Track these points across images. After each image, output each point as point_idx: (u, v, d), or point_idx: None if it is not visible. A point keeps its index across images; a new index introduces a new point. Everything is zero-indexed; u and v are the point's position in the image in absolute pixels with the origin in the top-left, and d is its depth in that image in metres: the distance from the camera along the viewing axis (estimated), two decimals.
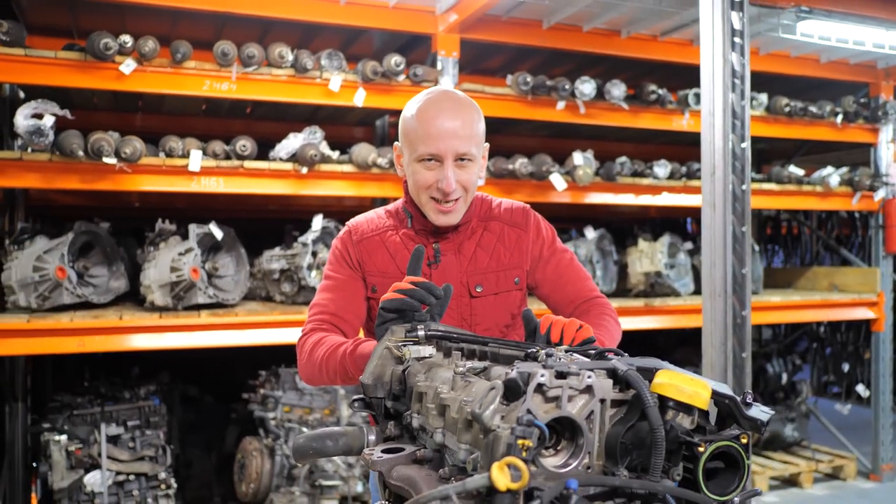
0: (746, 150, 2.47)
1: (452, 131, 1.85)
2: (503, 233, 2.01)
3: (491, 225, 2.02)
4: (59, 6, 4.45)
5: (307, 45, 5.04)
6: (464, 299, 1.96)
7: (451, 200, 1.89)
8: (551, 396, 1.07)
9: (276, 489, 4.42)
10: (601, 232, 5.45)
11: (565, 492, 0.96)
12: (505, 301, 1.98)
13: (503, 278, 1.98)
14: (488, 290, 1.96)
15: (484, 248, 1.99)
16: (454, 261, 1.97)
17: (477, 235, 2.01)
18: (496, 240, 2.00)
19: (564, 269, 2.04)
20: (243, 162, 4.15)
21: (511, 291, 1.98)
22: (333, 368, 1.83)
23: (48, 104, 3.75)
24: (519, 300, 2.00)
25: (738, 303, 2.44)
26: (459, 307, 1.96)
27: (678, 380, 1.09)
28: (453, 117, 1.86)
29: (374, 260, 1.99)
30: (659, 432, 1.05)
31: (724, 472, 1.16)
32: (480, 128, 1.92)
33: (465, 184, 1.89)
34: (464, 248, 1.98)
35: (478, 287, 1.96)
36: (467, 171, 1.89)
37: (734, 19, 2.44)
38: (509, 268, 1.99)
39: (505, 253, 2.00)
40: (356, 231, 2.03)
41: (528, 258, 2.02)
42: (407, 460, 1.34)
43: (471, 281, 1.96)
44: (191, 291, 4.10)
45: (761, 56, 5.42)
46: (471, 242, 1.99)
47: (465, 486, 0.95)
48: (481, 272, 1.97)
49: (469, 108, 1.91)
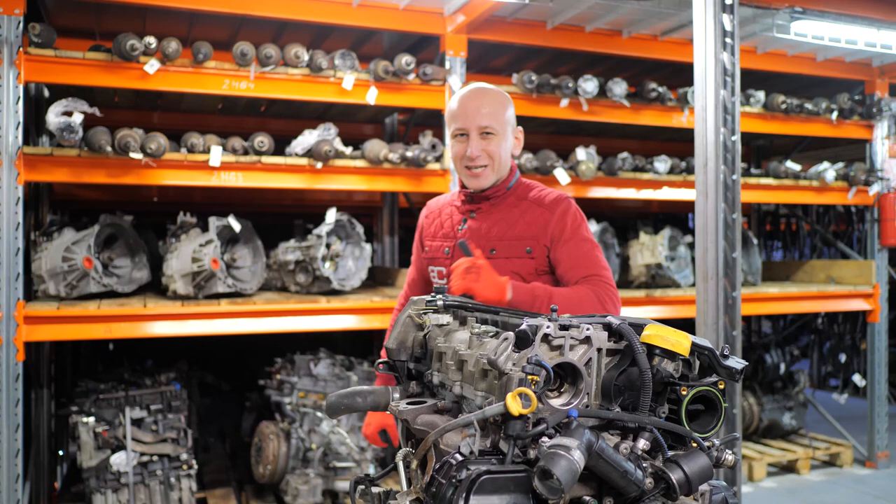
0: (737, 143, 2.65)
1: (475, 109, 2.28)
2: (529, 210, 2.30)
3: (522, 203, 2.32)
4: (84, 9, 4.65)
5: (321, 45, 5.23)
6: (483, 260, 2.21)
7: (479, 166, 2.28)
8: (556, 345, 1.26)
9: (291, 471, 4.62)
10: (604, 225, 5.63)
11: (566, 419, 1.15)
12: (515, 266, 2.25)
13: (515, 246, 2.26)
14: (500, 254, 2.26)
15: (506, 220, 2.30)
16: (478, 227, 2.33)
17: (505, 209, 2.32)
18: (519, 215, 2.30)
19: (580, 253, 2.24)
20: (261, 157, 4.34)
21: (521, 258, 2.25)
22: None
23: (78, 102, 3.94)
24: (531, 268, 2.25)
25: (730, 285, 2.63)
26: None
27: (663, 331, 1.28)
28: (477, 99, 2.30)
29: (430, 228, 2.47)
30: (647, 375, 1.24)
31: (705, 415, 1.35)
32: (506, 111, 2.31)
33: (490, 153, 2.28)
34: (491, 218, 2.32)
35: (492, 251, 2.27)
36: (491, 143, 2.28)
37: (725, 21, 2.62)
38: (524, 238, 2.26)
39: (524, 226, 2.28)
40: (427, 207, 2.55)
41: (547, 235, 2.25)
42: (429, 410, 1.53)
43: (487, 245, 2.28)
44: (211, 281, 4.29)
45: (759, 55, 5.60)
46: (498, 214, 2.32)
47: (483, 413, 1.14)
48: (497, 238, 2.29)
49: (494, 94, 2.32)
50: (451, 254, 2.36)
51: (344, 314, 4.50)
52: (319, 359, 4.98)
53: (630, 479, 1.15)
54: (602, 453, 1.12)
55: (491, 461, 1.14)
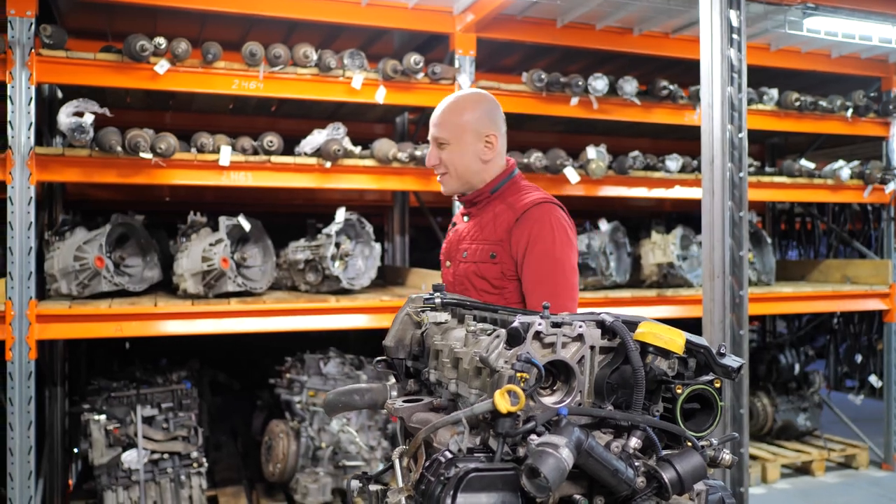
0: (744, 140, 2.63)
1: (433, 119, 2.34)
2: (502, 214, 2.26)
3: (499, 207, 2.29)
4: (95, 11, 4.68)
5: (330, 44, 5.23)
6: (459, 262, 2.33)
7: (440, 174, 2.35)
8: (548, 343, 1.26)
9: (301, 469, 4.63)
10: (615, 224, 5.60)
11: (556, 417, 1.14)
12: (481, 270, 2.24)
13: (482, 251, 2.26)
14: (470, 259, 2.29)
15: (481, 224, 2.31)
16: (463, 231, 2.36)
17: (486, 212, 2.31)
18: (493, 218, 2.28)
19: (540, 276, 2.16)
20: (270, 157, 4.36)
21: (486, 263, 2.23)
22: None
23: (88, 103, 3.98)
24: (497, 273, 2.22)
25: (737, 283, 2.60)
26: (455, 267, 2.35)
27: (657, 329, 1.27)
28: (438, 109, 2.34)
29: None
30: (639, 372, 1.23)
31: (701, 414, 1.34)
32: (462, 118, 2.30)
33: (445, 161, 2.32)
34: (474, 221, 2.34)
35: (464, 254, 2.31)
36: (445, 151, 2.31)
37: (732, 17, 2.59)
38: (490, 242, 2.25)
39: (491, 230, 2.26)
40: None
41: (512, 242, 2.20)
42: (425, 408, 1.53)
43: (462, 249, 2.33)
44: (221, 280, 4.31)
45: (772, 52, 5.55)
46: (480, 217, 2.33)
47: (472, 410, 1.14)
48: (469, 242, 2.32)
49: (455, 103, 2.33)
50: (444, 255, 2.43)
51: (353, 313, 4.50)
52: (329, 358, 4.99)
53: (621, 478, 1.14)
54: (592, 451, 1.11)
55: (480, 459, 1.14)
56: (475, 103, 2.32)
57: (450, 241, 2.40)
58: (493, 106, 2.34)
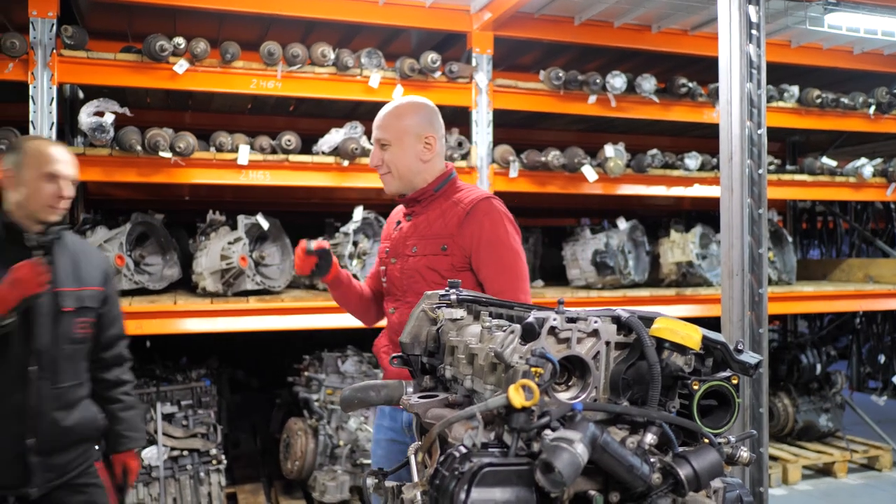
0: (763, 137, 2.60)
1: (376, 122, 2.49)
2: (449, 210, 2.43)
3: (445, 204, 2.46)
4: (116, 11, 4.73)
5: (348, 44, 5.25)
6: (407, 257, 2.45)
7: (382, 174, 2.49)
8: (563, 338, 1.25)
9: (319, 467, 4.64)
10: (633, 223, 5.57)
11: (571, 413, 1.13)
12: (431, 262, 2.40)
13: (432, 244, 2.41)
14: (419, 252, 2.43)
15: (429, 220, 2.46)
16: (409, 227, 2.50)
17: (431, 210, 2.47)
18: (440, 214, 2.44)
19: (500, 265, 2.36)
20: (288, 156, 4.38)
21: (437, 255, 2.40)
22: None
23: (109, 102, 4.02)
24: (447, 265, 2.39)
25: (756, 281, 2.58)
26: (402, 263, 2.47)
27: (673, 325, 1.25)
28: (381, 113, 2.49)
29: (385, 232, 2.66)
30: (655, 368, 1.22)
31: (718, 411, 1.32)
32: (402, 121, 2.46)
33: (388, 161, 2.46)
34: (419, 218, 2.49)
35: (413, 248, 2.44)
36: (387, 152, 2.46)
37: (751, 12, 2.57)
38: (440, 236, 2.40)
39: (441, 225, 2.42)
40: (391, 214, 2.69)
41: (464, 235, 2.37)
42: (440, 404, 1.52)
43: (411, 244, 2.46)
44: (240, 278, 4.34)
45: (793, 48, 5.49)
46: (425, 215, 2.48)
47: (487, 405, 1.13)
48: (418, 237, 2.45)
49: (396, 107, 2.49)
50: (389, 252, 2.54)
51: None
52: (347, 356, 5.01)
53: (636, 474, 1.13)
54: (607, 447, 1.10)
55: (494, 454, 1.13)
56: (415, 108, 2.50)
57: (394, 238, 2.53)
58: (431, 111, 2.52)
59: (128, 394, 2.84)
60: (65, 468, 2.58)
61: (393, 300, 2.55)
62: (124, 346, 2.86)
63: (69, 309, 2.55)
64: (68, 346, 2.57)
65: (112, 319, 2.78)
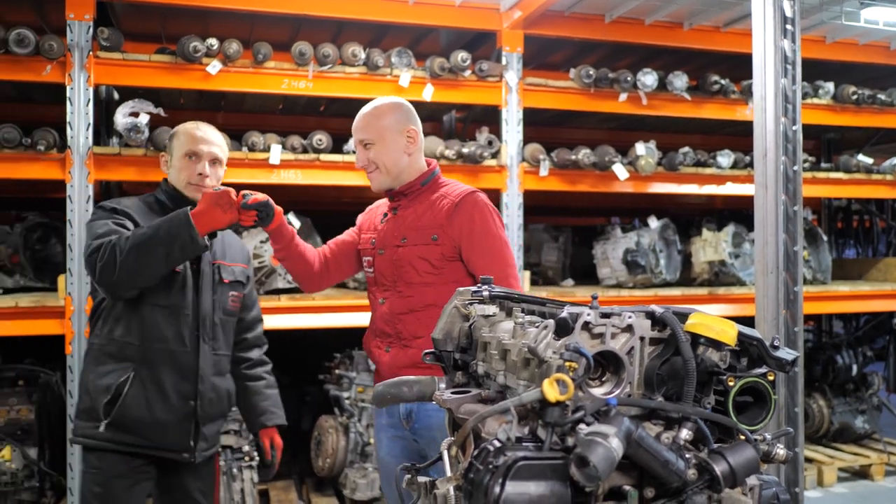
0: (798, 134, 2.57)
1: (355, 125, 2.62)
2: (437, 202, 2.55)
3: (432, 197, 2.58)
4: (150, 13, 4.80)
5: (378, 43, 5.27)
6: (396, 248, 2.55)
7: (370, 172, 2.60)
8: (597, 333, 1.25)
9: (350, 465, 4.67)
10: (665, 221, 5.52)
11: (605, 408, 1.13)
12: (422, 252, 2.51)
13: (423, 234, 2.52)
14: (409, 243, 2.53)
15: (417, 213, 2.57)
16: (396, 220, 2.60)
17: (418, 203, 2.59)
18: (428, 207, 2.56)
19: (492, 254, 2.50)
20: (319, 155, 4.41)
21: (428, 245, 2.51)
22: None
23: (144, 103, 4.08)
24: (437, 254, 2.50)
25: (791, 279, 2.54)
26: (392, 254, 2.56)
27: (708, 320, 1.25)
28: (358, 116, 2.62)
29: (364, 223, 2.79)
30: (690, 363, 1.21)
31: (754, 408, 1.31)
32: (381, 121, 2.58)
33: (374, 159, 2.57)
34: (406, 212, 2.60)
35: (403, 239, 2.54)
36: (370, 151, 2.57)
37: (785, 6, 2.54)
38: (430, 227, 2.52)
39: (430, 217, 2.53)
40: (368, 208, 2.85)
41: (453, 227, 2.49)
42: (473, 400, 1.52)
43: (400, 235, 2.56)
44: (271, 277, 4.39)
45: (828, 44, 5.41)
46: (412, 208, 2.59)
47: (521, 399, 1.13)
48: (408, 229, 2.55)
49: (373, 109, 2.61)
50: (376, 244, 2.62)
51: None
52: None
53: (671, 469, 1.12)
54: (642, 442, 1.10)
55: (528, 448, 1.13)
56: (393, 107, 2.62)
57: (381, 230, 2.63)
58: (408, 108, 2.64)
59: (270, 373, 3.04)
60: (214, 439, 2.75)
61: (382, 290, 2.61)
62: (262, 330, 3.04)
63: (226, 281, 2.74)
64: (223, 316, 2.74)
65: (253, 301, 2.98)
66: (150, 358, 2.55)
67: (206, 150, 2.69)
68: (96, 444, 2.55)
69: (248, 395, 2.93)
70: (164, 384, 2.55)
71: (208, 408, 2.66)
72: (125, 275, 2.41)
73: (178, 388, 2.58)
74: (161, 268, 2.46)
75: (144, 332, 2.55)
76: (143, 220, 2.58)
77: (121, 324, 2.57)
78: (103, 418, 2.51)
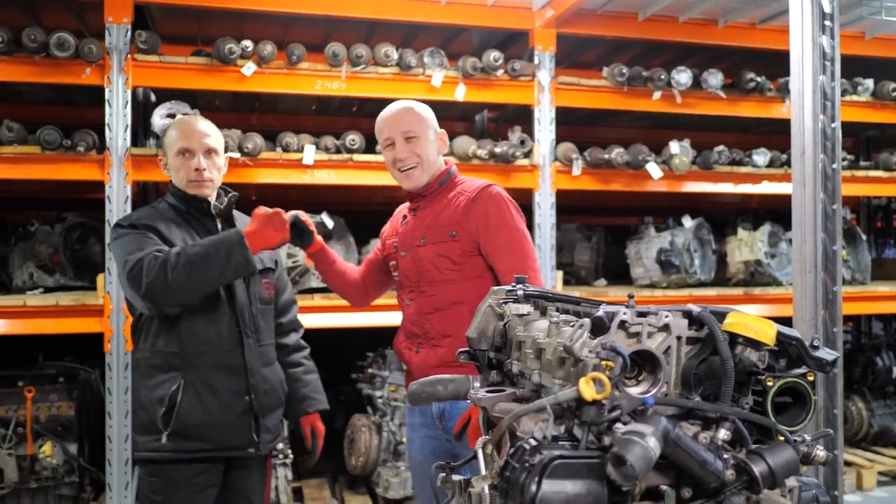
0: (837, 131, 2.53)
1: (396, 119, 2.58)
2: (454, 199, 2.56)
3: (449, 195, 2.58)
4: (186, 16, 4.87)
5: (410, 44, 5.29)
6: (416, 248, 2.57)
7: (408, 167, 2.56)
8: (633, 332, 1.24)
9: (383, 463, 4.69)
10: (699, 221, 5.47)
11: (642, 407, 1.13)
12: (441, 250, 2.52)
13: (441, 232, 2.53)
14: (428, 241, 2.54)
15: (435, 211, 2.58)
16: (416, 221, 2.62)
17: (437, 203, 2.59)
18: (447, 204, 2.56)
19: (509, 245, 2.49)
20: (352, 155, 4.44)
21: (447, 242, 2.51)
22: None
23: (180, 105, 4.14)
24: (457, 250, 2.50)
25: (830, 279, 2.50)
26: (413, 254, 2.57)
27: (746, 319, 1.24)
28: (397, 112, 2.60)
29: (388, 230, 2.79)
30: (728, 363, 1.20)
31: (793, 408, 1.30)
32: (424, 115, 2.59)
33: (417, 153, 2.55)
34: (426, 212, 2.61)
35: (422, 239, 2.56)
36: (416, 145, 2.54)
37: (824, 2, 2.50)
38: (449, 224, 2.52)
39: (448, 214, 2.54)
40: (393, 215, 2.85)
41: (471, 221, 2.49)
42: (508, 398, 1.53)
43: (419, 235, 2.57)
44: (305, 276, 4.43)
45: (867, 40, 5.31)
46: (431, 208, 2.60)
47: (557, 398, 1.13)
48: (427, 228, 2.57)
49: (411, 105, 2.61)
50: (398, 247, 2.64)
51: None
52: None
53: (709, 469, 1.12)
54: (679, 441, 1.09)
55: (564, 446, 1.13)
56: (425, 108, 2.63)
57: (402, 233, 2.64)
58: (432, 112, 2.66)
59: (308, 358, 3.00)
60: (276, 429, 2.75)
61: (407, 292, 2.63)
62: (297, 312, 3.01)
63: (257, 270, 2.67)
64: (260, 305, 2.70)
65: (284, 284, 2.96)
66: (195, 363, 2.53)
67: (197, 143, 2.61)
68: (161, 457, 2.52)
69: (288, 383, 2.86)
70: (214, 386, 2.53)
71: (264, 399, 2.62)
72: (175, 292, 2.39)
73: (230, 386, 2.55)
74: (211, 286, 2.46)
75: (185, 339, 2.53)
76: (163, 227, 2.56)
77: (162, 335, 2.55)
78: (163, 430, 2.49)
